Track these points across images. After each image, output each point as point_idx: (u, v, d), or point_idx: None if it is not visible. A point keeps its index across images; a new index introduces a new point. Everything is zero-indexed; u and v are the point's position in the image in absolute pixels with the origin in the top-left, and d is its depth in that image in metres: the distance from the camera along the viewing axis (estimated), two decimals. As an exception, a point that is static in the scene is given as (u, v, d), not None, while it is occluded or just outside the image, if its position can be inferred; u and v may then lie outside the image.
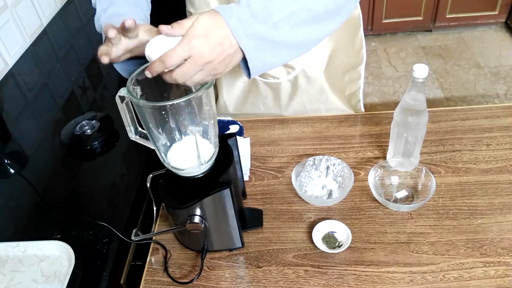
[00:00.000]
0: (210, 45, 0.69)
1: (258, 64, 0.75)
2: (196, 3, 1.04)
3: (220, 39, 0.70)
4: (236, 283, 0.83)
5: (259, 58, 0.74)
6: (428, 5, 3.04)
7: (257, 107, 1.19)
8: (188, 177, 0.78)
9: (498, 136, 1.05)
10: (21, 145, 1.15)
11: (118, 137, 1.10)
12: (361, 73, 1.16)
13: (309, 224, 0.91)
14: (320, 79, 1.11)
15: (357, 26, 1.09)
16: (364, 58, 1.14)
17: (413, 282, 0.79)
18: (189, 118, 0.75)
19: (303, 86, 1.13)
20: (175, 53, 0.67)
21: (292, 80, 1.11)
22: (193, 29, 0.68)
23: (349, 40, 1.10)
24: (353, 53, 1.13)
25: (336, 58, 1.10)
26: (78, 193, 0.99)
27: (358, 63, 1.15)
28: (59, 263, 0.84)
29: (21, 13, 1.47)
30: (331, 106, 1.17)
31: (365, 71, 1.17)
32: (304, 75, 1.10)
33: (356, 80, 1.18)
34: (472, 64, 2.93)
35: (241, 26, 0.70)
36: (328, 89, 1.14)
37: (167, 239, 0.91)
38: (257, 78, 1.12)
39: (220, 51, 0.70)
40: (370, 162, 1.02)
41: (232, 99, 1.18)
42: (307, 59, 1.07)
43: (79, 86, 1.32)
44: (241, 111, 1.20)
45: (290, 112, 1.18)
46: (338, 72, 1.14)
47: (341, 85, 1.17)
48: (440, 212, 0.90)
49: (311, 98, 1.15)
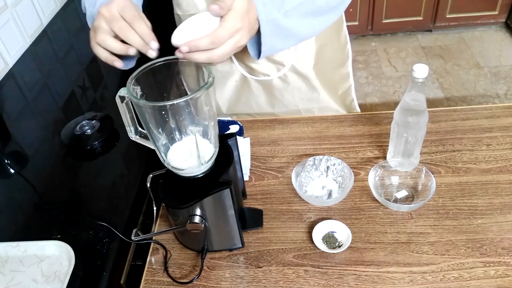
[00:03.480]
0: (249, 27, 0.73)
1: (269, 48, 0.82)
2: (184, 5, 1.04)
3: (254, 22, 0.74)
4: (236, 283, 0.83)
5: (271, 43, 0.81)
6: (428, 5, 3.04)
7: (250, 107, 1.19)
8: (188, 177, 0.78)
9: (498, 136, 1.05)
10: (21, 145, 1.15)
11: (118, 137, 1.10)
12: (349, 70, 1.20)
13: (309, 224, 0.91)
14: (311, 75, 1.12)
15: (341, 23, 1.13)
16: (350, 54, 1.18)
17: (413, 282, 0.79)
18: (189, 118, 0.75)
19: (294, 83, 1.13)
20: (226, 31, 0.69)
21: (282, 77, 1.12)
22: (236, 9, 0.70)
23: (334, 36, 1.13)
24: (339, 49, 1.16)
25: (323, 54, 1.12)
26: (78, 193, 0.99)
27: (344, 59, 1.18)
28: (59, 263, 0.84)
29: (21, 13, 1.47)
30: (324, 106, 1.18)
31: (365, 71, 1.18)
32: (294, 71, 1.11)
33: (346, 78, 1.20)
34: (472, 64, 2.94)
35: (264, 11, 0.75)
36: (319, 86, 1.14)
37: (167, 239, 0.91)
38: (248, 77, 1.12)
39: (252, 34, 0.75)
40: (370, 162, 1.02)
41: (225, 99, 1.18)
42: (295, 55, 1.08)
43: (79, 86, 1.32)
44: (234, 111, 1.20)
45: (283, 111, 1.18)
46: (327, 69, 1.15)
47: (332, 84, 1.18)
48: (440, 212, 0.90)
49: (303, 97, 1.16)
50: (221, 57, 0.71)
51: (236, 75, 1.13)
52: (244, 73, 1.12)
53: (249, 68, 1.11)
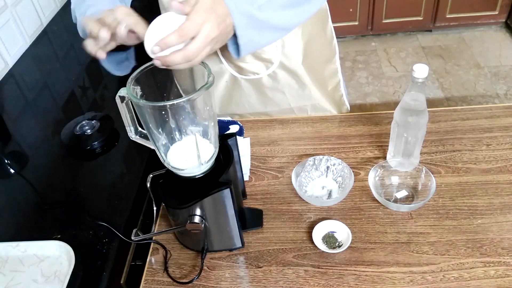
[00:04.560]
0: (217, 20, 0.72)
1: (246, 42, 0.80)
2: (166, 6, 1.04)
3: (223, 15, 0.74)
4: (236, 283, 0.83)
5: (247, 36, 0.80)
6: (428, 5, 3.04)
7: (242, 107, 1.19)
8: (188, 177, 0.78)
9: (498, 136, 1.05)
10: (21, 145, 1.15)
11: (118, 137, 1.10)
12: (337, 66, 1.20)
13: (309, 224, 0.91)
14: (300, 71, 1.12)
15: (326, 17, 1.13)
16: (337, 49, 1.18)
17: (413, 282, 0.79)
18: (189, 118, 0.75)
19: (284, 80, 1.13)
20: (192, 23, 0.69)
21: (272, 74, 1.12)
22: (201, 3, 0.70)
23: (320, 31, 1.13)
24: (326, 44, 1.16)
25: (310, 50, 1.12)
26: (78, 193, 0.99)
27: (332, 55, 1.18)
28: (59, 263, 0.84)
29: (21, 13, 1.47)
30: (316, 103, 1.18)
31: (365, 71, 1.19)
32: (283, 68, 1.11)
33: (335, 74, 1.20)
34: (472, 64, 2.93)
35: (235, 5, 0.75)
36: (309, 82, 1.14)
37: (167, 239, 0.91)
38: (238, 76, 1.12)
39: (223, 27, 0.74)
40: (370, 162, 1.02)
41: (217, 100, 1.18)
42: (283, 51, 1.08)
43: (79, 86, 1.32)
44: (227, 111, 1.20)
45: (276, 110, 1.18)
46: (316, 64, 1.16)
47: (322, 80, 1.18)
48: (440, 212, 0.90)
49: (294, 94, 1.16)
50: (196, 53, 0.70)
51: (226, 75, 1.13)
52: (234, 73, 1.12)
53: (238, 68, 1.10)
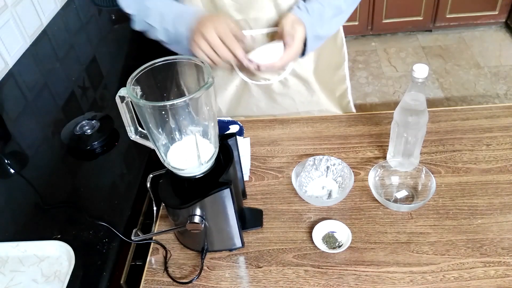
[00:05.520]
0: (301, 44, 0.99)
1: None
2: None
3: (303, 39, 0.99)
4: (236, 283, 0.83)
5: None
6: (428, 5, 3.04)
7: (250, 110, 1.19)
8: (188, 177, 0.78)
9: (498, 136, 1.05)
10: (21, 145, 1.15)
11: (118, 137, 1.10)
12: (346, 72, 1.22)
13: (309, 224, 0.91)
14: (311, 79, 1.14)
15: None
16: (346, 56, 1.21)
17: (413, 282, 0.79)
18: (189, 118, 0.75)
19: (295, 87, 1.14)
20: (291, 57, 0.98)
21: (283, 81, 1.12)
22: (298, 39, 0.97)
23: (331, 38, 1.15)
24: (336, 52, 1.19)
25: (322, 57, 1.14)
26: (78, 193, 0.98)
27: (341, 62, 1.21)
28: (59, 263, 0.84)
29: (21, 13, 1.47)
30: (323, 108, 1.19)
31: (365, 71, 1.20)
32: (295, 75, 1.12)
33: (343, 80, 1.22)
34: (472, 64, 2.94)
35: (311, 30, 0.98)
36: (318, 89, 1.15)
37: (167, 239, 0.91)
38: (248, 81, 1.13)
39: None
40: (370, 162, 1.02)
41: (225, 103, 1.19)
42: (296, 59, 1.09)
43: (79, 86, 1.32)
44: (234, 114, 1.20)
45: (283, 114, 1.19)
46: (326, 71, 1.17)
47: (331, 86, 1.20)
48: (440, 212, 0.90)
49: (303, 100, 1.16)
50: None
51: (236, 80, 1.14)
52: (245, 78, 1.12)
53: (249, 73, 1.11)
